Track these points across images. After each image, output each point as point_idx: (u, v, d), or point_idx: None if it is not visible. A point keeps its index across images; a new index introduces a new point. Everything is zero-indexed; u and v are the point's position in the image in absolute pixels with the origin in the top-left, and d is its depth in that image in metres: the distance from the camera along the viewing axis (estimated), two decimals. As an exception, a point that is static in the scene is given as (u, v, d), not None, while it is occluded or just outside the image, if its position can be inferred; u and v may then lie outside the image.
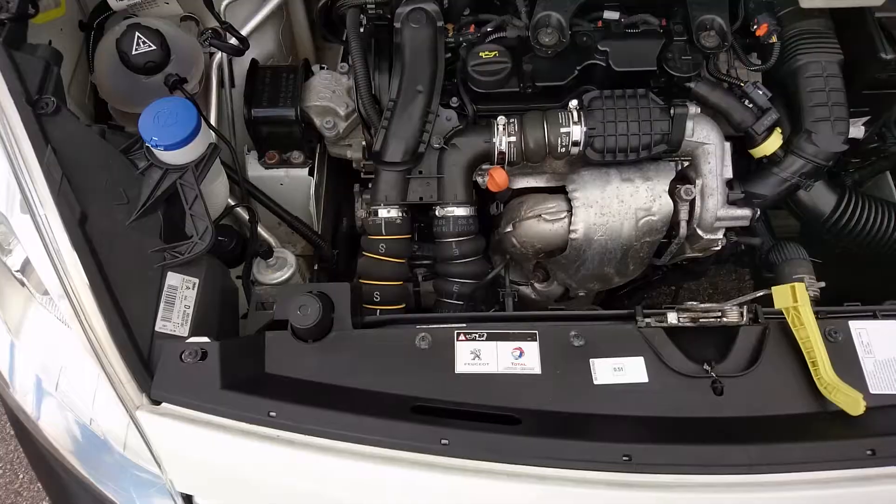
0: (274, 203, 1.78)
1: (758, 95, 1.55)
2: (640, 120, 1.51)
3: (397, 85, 1.58)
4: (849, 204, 1.62)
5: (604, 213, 1.56)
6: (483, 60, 1.55)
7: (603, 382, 1.20)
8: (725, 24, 1.57)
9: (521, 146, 1.56)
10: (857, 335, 1.24)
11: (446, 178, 1.58)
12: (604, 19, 1.65)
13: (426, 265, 1.80)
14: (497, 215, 1.70)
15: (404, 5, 1.61)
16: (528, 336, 1.25)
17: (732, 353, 1.24)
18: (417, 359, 1.23)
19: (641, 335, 1.25)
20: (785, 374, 1.21)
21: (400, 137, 1.55)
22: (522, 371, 1.21)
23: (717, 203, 1.55)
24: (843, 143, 1.51)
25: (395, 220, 1.56)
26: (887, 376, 1.21)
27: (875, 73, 1.56)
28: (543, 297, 1.88)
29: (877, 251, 1.66)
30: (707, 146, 1.55)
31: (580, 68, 1.58)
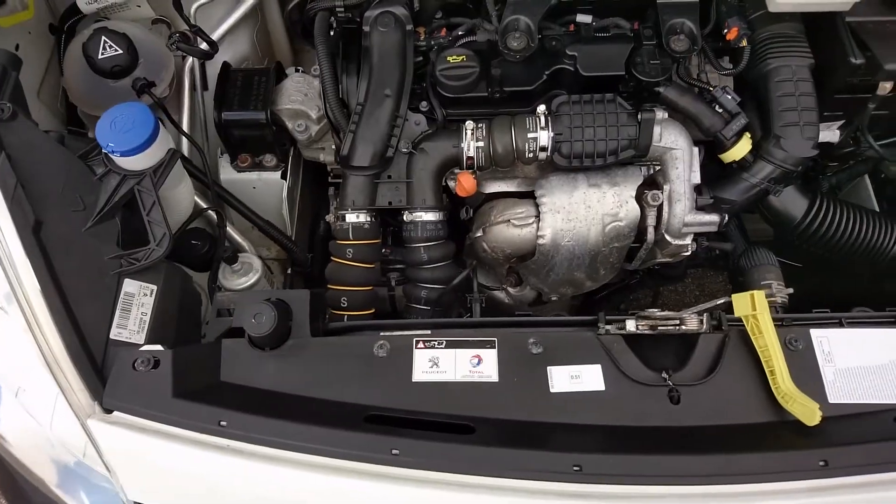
0: (245, 207, 1.77)
1: (727, 100, 1.54)
2: (608, 125, 1.50)
3: (365, 89, 1.57)
4: (820, 209, 1.60)
5: (570, 219, 1.55)
6: (451, 65, 1.54)
7: (559, 390, 1.19)
8: (695, 28, 1.55)
9: (490, 151, 1.55)
10: (819, 343, 1.23)
11: (415, 183, 1.57)
12: (576, 23, 1.65)
13: (400, 269, 1.80)
14: (467, 220, 1.69)
15: (373, 9, 1.61)
16: (487, 343, 1.24)
17: (691, 361, 1.23)
18: (375, 367, 1.22)
19: (600, 343, 1.24)
20: (744, 382, 1.20)
21: (368, 142, 1.54)
22: (480, 379, 1.21)
23: (684, 208, 1.53)
24: (812, 149, 1.49)
25: (363, 225, 1.55)
26: (847, 385, 1.19)
27: (846, 77, 1.54)
28: (517, 302, 1.87)
29: (848, 257, 1.65)
30: (675, 151, 1.53)
31: (549, 73, 1.57)
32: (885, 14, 1.55)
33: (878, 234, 1.62)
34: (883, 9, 1.55)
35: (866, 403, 1.17)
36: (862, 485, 1.05)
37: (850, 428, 1.13)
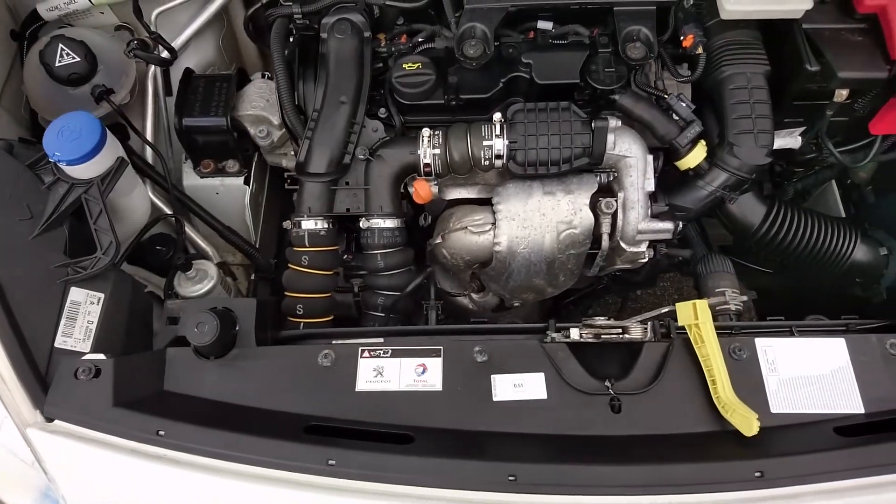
0: (206, 213, 1.78)
1: (681, 108, 1.53)
2: (562, 133, 1.50)
3: (322, 95, 1.57)
4: (777, 216, 1.60)
5: (525, 227, 1.55)
6: (406, 72, 1.55)
7: (502, 399, 1.19)
8: (652, 35, 1.55)
9: (446, 158, 1.55)
10: (763, 353, 1.23)
11: (372, 190, 1.57)
12: (537, 29, 1.65)
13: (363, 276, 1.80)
14: (425, 227, 1.69)
15: (330, 16, 1.61)
16: (432, 352, 1.25)
17: (635, 369, 1.23)
18: (318, 377, 1.23)
19: (544, 351, 1.24)
20: (686, 391, 1.20)
21: (323, 148, 1.54)
22: (424, 388, 1.21)
23: (638, 216, 1.53)
24: (766, 156, 1.49)
25: (319, 232, 1.55)
26: (789, 395, 1.20)
27: (803, 83, 1.54)
28: (480, 308, 1.87)
29: (807, 263, 1.65)
30: (629, 159, 1.53)
31: (504, 81, 1.57)
32: (842, 21, 1.54)
33: (835, 240, 1.63)
34: (839, 16, 1.55)
35: (808, 413, 1.18)
36: (798, 495, 1.06)
37: (790, 438, 1.14)
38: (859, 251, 1.64)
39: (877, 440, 1.11)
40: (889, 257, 1.65)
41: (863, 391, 1.19)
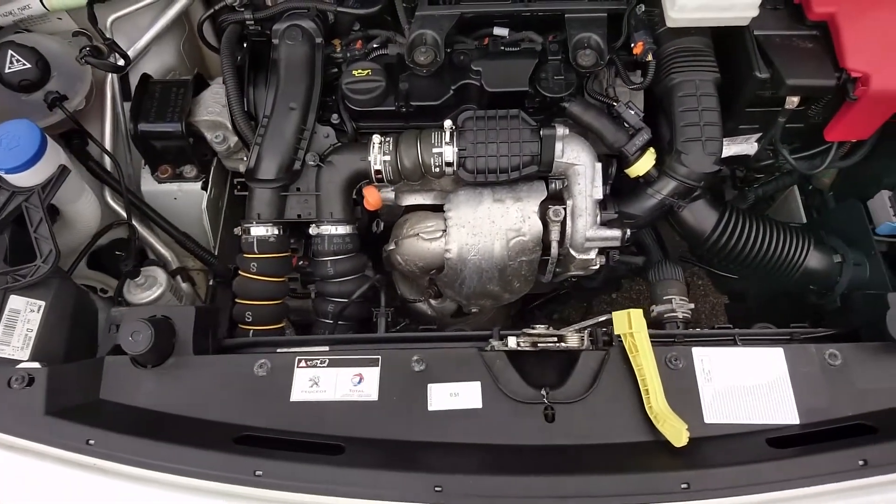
0: (161, 218, 1.77)
1: (630, 115, 1.53)
2: (510, 141, 1.50)
3: (271, 101, 1.57)
4: (728, 223, 1.60)
5: (475, 234, 1.55)
6: (356, 79, 1.55)
7: (437, 409, 1.19)
8: (603, 42, 1.56)
9: (397, 165, 1.55)
10: (699, 362, 1.23)
11: (323, 196, 1.57)
12: (493, 35, 1.65)
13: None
14: (377, 233, 1.69)
15: (281, 22, 1.61)
16: (370, 361, 1.25)
17: (571, 378, 1.23)
18: (254, 386, 1.22)
19: (482, 359, 1.24)
20: (620, 401, 1.20)
21: (273, 154, 1.54)
22: (359, 398, 1.21)
23: (586, 224, 1.53)
24: (713, 164, 1.49)
25: (269, 239, 1.55)
26: (724, 405, 1.19)
27: (754, 90, 1.54)
28: (438, 314, 1.87)
29: (759, 271, 1.65)
30: (577, 167, 1.53)
31: (455, 88, 1.57)
32: (793, 28, 1.54)
33: (788, 248, 1.62)
34: (791, 23, 1.55)
35: (742, 424, 1.17)
36: (725, 507, 1.05)
37: (721, 449, 1.13)
38: (812, 258, 1.64)
39: (808, 452, 1.11)
40: (843, 265, 1.64)
41: (799, 402, 1.19)
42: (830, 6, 1.51)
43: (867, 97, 1.47)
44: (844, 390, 1.20)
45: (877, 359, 1.23)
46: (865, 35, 1.48)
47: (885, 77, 1.46)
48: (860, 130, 1.62)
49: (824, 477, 1.07)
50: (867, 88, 1.46)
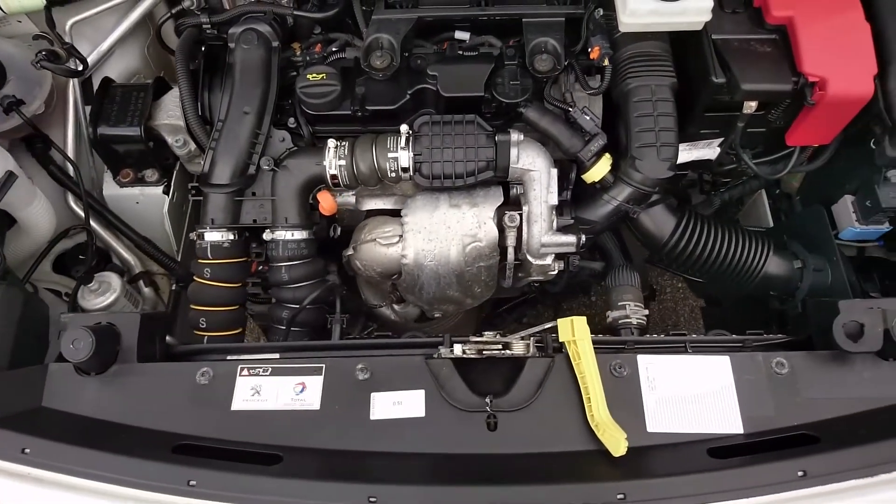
0: (120, 222, 1.77)
1: (585, 121, 1.52)
2: (466, 146, 1.50)
3: (226, 106, 1.56)
4: (686, 229, 1.59)
5: (431, 239, 1.54)
6: (310, 82, 1.54)
7: (379, 417, 1.18)
8: (560, 47, 1.55)
9: (353, 170, 1.54)
10: (644, 370, 1.22)
11: (278, 201, 1.56)
12: (454, 39, 1.64)
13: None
14: (335, 238, 1.68)
15: (237, 26, 1.60)
16: (313, 370, 1.24)
17: (516, 386, 1.22)
18: (195, 394, 1.21)
19: (428, 367, 1.23)
20: (563, 409, 1.19)
21: (226, 159, 1.54)
22: (301, 407, 1.20)
23: (541, 229, 1.52)
24: (668, 170, 1.48)
25: (223, 244, 1.54)
26: (668, 414, 1.18)
27: (712, 95, 1.52)
28: (402, 319, 1.86)
29: (717, 277, 1.64)
30: (532, 173, 1.52)
31: (411, 92, 1.56)
32: (753, 32, 1.53)
33: (746, 253, 1.62)
34: (751, 27, 1.54)
35: (685, 433, 1.16)
36: (661, 518, 1.04)
37: (660, 459, 1.12)
38: (772, 264, 1.63)
39: (748, 462, 1.10)
40: (803, 271, 1.63)
41: (744, 411, 1.18)
42: (789, 10, 1.50)
43: (824, 102, 1.46)
44: (790, 399, 1.19)
45: (824, 367, 1.22)
46: (823, 39, 1.47)
47: (842, 81, 1.45)
48: (821, 135, 1.61)
49: (763, 488, 1.06)
50: (824, 93, 1.45)
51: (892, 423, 1.14)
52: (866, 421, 1.16)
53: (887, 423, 1.14)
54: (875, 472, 1.07)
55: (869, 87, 1.46)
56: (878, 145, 1.54)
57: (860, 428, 1.14)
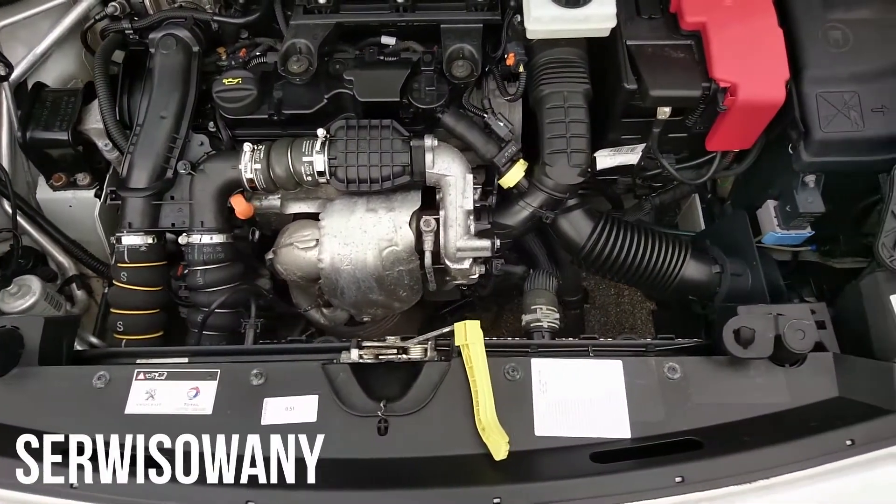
0: (50, 225, 1.77)
1: (499, 127, 1.53)
2: (382, 151, 1.50)
3: (144, 110, 1.57)
4: (602, 234, 1.60)
5: (347, 243, 1.54)
6: (226, 87, 1.54)
7: (270, 422, 1.19)
8: (477, 53, 1.56)
9: (269, 174, 1.54)
10: (537, 374, 1.23)
11: (195, 205, 1.57)
12: (380, 44, 1.65)
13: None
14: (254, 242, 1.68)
15: (157, 31, 1.61)
16: (208, 375, 1.24)
17: (412, 390, 1.22)
18: (91, 398, 1.22)
19: (324, 373, 1.24)
20: (456, 413, 1.19)
21: (143, 163, 1.55)
22: (194, 412, 1.21)
23: (457, 234, 1.53)
24: (578, 176, 1.49)
25: (140, 248, 1.55)
26: (557, 418, 1.19)
27: (625, 101, 1.53)
28: (331, 322, 1.87)
29: (634, 281, 1.64)
30: (448, 178, 1.53)
31: (329, 97, 1.57)
32: (669, 38, 1.54)
33: (663, 258, 1.62)
34: (667, 33, 1.54)
35: (572, 437, 1.17)
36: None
37: (543, 463, 1.13)
38: (689, 268, 1.63)
39: (627, 468, 1.10)
40: (721, 275, 1.64)
41: (632, 415, 1.18)
42: (702, 15, 1.51)
43: (736, 107, 1.47)
44: (679, 404, 1.19)
45: (718, 373, 1.23)
46: (735, 45, 1.48)
47: (752, 87, 1.46)
48: (740, 140, 1.62)
49: (640, 493, 1.06)
50: (735, 98, 1.46)
51: (776, 430, 1.15)
52: (752, 427, 1.16)
53: (771, 430, 1.15)
54: (752, 478, 1.08)
55: (780, 93, 1.47)
56: (794, 150, 1.54)
57: (744, 434, 1.14)
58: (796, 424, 1.15)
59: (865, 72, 1.51)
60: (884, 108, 1.50)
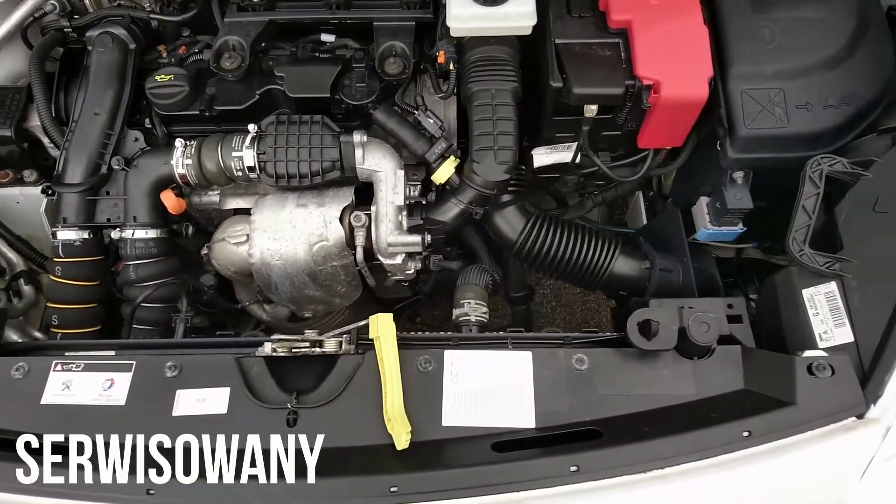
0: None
1: (429, 123, 1.55)
2: (311, 146, 1.52)
3: (80, 107, 1.59)
4: (533, 229, 1.62)
5: (276, 238, 1.56)
6: (158, 84, 1.56)
7: (181, 414, 1.21)
8: (409, 51, 1.57)
9: (200, 169, 1.56)
10: (449, 365, 1.24)
11: (129, 200, 1.59)
12: (319, 41, 1.67)
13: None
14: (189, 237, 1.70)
15: (94, 29, 1.63)
16: (124, 367, 1.26)
17: (325, 382, 1.24)
18: (7, 389, 1.24)
19: (237, 365, 1.25)
20: (367, 404, 1.20)
21: (78, 159, 1.57)
22: (108, 402, 1.22)
23: (387, 229, 1.55)
24: (505, 173, 1.50)
25: (74, 242, 1.57)
26: (465, 408, 1.20)
27: (553, 99, 1.55)
28: (273, 318, 1.89)
29: (566, 275, 1.66)
30: (379, 173, 1.55)
31: (260, 93, 1.58)
32: (598, 36, 1.55)
33: (593, 254, 1.64)
34: (595, 31, 1.55)
35: (477, 427, 1.18)
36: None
37: (444, 453, 1.15)
38: (619, 264, 1.65)
39: (526, 457, 1.12)
40: (651, 271, 1.65)
41: (538, 406, 1.20)
42: (628, 14, 1.52)
43: (660, 105, 1.49)
44: (585, 395, 1.21)
45: (622, 364, 1.24)
46: (659, 43, 1.49)
47: (675, 85, 1.47)
48: (669, 138, 1.64)
49: (535, 482, 1.08)
50: (659, 96, 1.47)
51: (677, 421, 1.16)
52: (654, 418, 1.18)
53: (673, 421, 1.17)
54: (648, 468, 1.09)
55: (703, 90, 1.48)
56: (721, 147, 1.56)
57: (645, 425, 1.16)
58: (698, 416, 1.17)
59: (791, 69, 1.53)
60: (808, 105, 1.51)
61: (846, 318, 1.25)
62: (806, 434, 1.13)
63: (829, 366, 1.17)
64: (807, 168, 1.35)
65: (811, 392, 1.15)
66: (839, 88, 1.51)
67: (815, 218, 1.32)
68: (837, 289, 1.27)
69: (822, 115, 1.50)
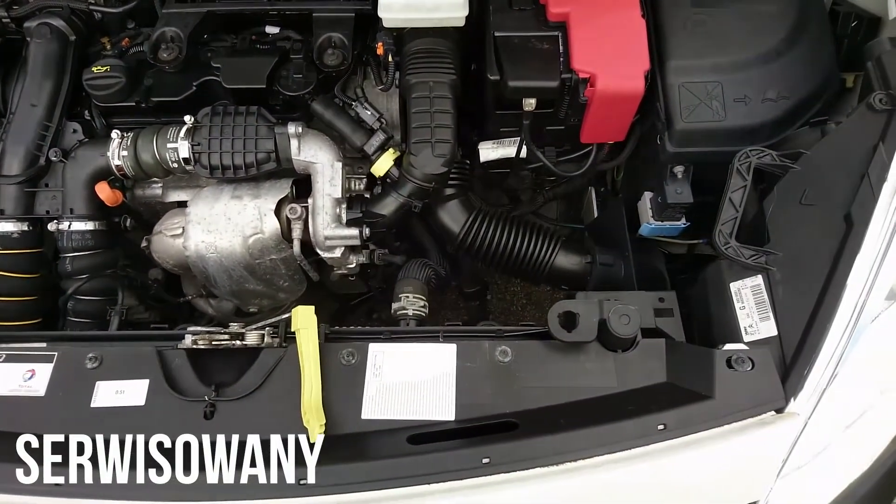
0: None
1: (367, 115, 1.54)
2: (246, 137, 1.51)
3: (17, 98, 1.58)
4: (474, 223, 1.61)
5: (211, 231, 1.55)
6: (95, 75, 1.55)
7: (100, 405, 1.20)
8: (348, 42, 1.57)
9: (136, 161, 1.55)
10: (372, 358, 1.24)
11: (66, 192, 1.58)
12: (262, 32, 1.66)
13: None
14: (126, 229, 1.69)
15: (33, 20, 1.62)
16: (45, 358, 1.25)
17: (245, 375, 1.23)
18: (-74, 379, 1.23)
19: (158, 357, 1.24)
20: (287, 397, 1.19)
21: (15, 150, 1.56)
22: (27, 393, 1.21)
23: (324, 222, 1.54)
24: (442, 166, 1.49)
25: (11, 234, 1.55)
26: (385, 401, 1.20)
27: (492, 93, 1.54)
28: (218, 312, 1.87)
29: (507, 269, 1.66)
30: (316, 165, 1.54)
31: (197, 84, 1.58)
32: (537, 29, 1.54)
33: (534, 248, 1.63)
34: (535, 24, 1.55)
35: (396, 420, 1.18)
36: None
37: (358, 446, 1.14)
38: (560, 259, 1.65)
39: (438, 449, 1.11)
40: (592, 265, 1.65)
41: (459, 398, 1.19)
42: (566, 7, 1.51)
43: (596, 98, 1.48)
44: (506, 387, 1.20)
45: (545, 357, 1.23)
46: (595, 36, 1.49)
47: (611, 78, 1.47)
48: (610, 132, 1.63)
49: (445, 474, 1.08)
50: (595, 89, 1.47)
51: (595, 414, 1.16)
52: (572, 410, 1.17)
53: (590, 414, 1.16)
54: (560, 460, 1.09)
55: (639, 84, 1.47)
56: (660, 141, 1.56)
57: (563, 417, 1.16)
58: (615, 409, 1.16)
59: (730, 62, 1.52)
60: (746, 99, 1.51)
61: (771, 311, 1.24)
62: (723, 428, 1.13)
63: (748, 359, 1.16)
64: (735, 160, 1.35)
65: (730, 386, 1.15)
66: (777, 82, 1.50)
67: (741, 211, 1.31)
68: (763, 282, 1.27)
69: (759, 109, 1.49)
